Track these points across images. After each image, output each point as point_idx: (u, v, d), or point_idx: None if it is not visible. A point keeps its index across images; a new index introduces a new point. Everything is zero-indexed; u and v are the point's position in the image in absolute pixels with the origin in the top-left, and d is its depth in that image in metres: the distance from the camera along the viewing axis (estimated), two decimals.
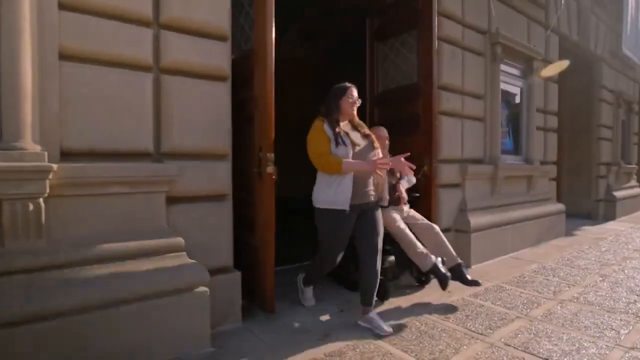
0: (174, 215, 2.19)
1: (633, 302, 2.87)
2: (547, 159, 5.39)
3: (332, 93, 2.41)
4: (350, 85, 2.42)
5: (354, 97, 2.41)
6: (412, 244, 2.79)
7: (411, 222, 2.99)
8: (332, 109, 2.37)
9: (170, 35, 2.18)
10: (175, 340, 2.02)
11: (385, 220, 2.71)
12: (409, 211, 3.07)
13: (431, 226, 3.03)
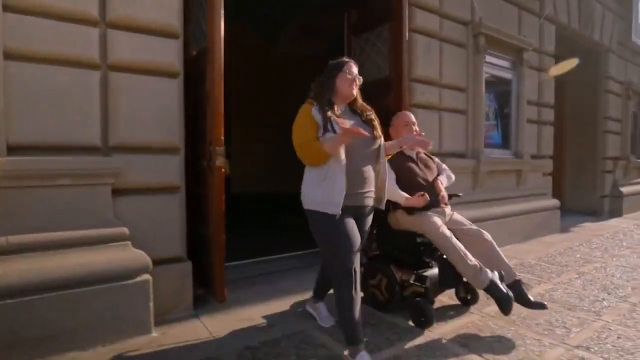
0: (121, 206, 2.29)
1: (600, 300, 2.79)
2: (541, 153, 5.23)
3: (326, 70, 2.01)
4: (349, 59, 2.02)
5: (354, 74, 1.97)
6: (461, 255, 2.23)
7: (455, 228, 2.46)
8: (324, 88, 1.95)
9: (117, 34, 2.27)
10: (119, 325, 2.12)
11: (425, 226, 2.34)
12: (451, 214, 2.56)
13: (480, 232, 2.48)
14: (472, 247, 2.37)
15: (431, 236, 2.34)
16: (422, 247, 2.44)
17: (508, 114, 4.83)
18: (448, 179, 2.67)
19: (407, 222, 2.45)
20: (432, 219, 2.36)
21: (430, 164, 2.68)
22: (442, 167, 2.74)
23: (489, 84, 4.64)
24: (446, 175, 2.68)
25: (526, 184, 4.89)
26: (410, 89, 3.70)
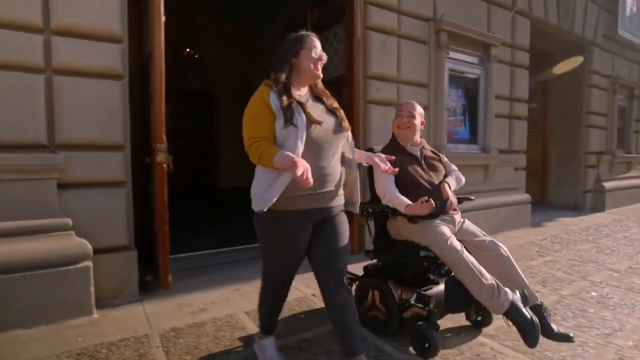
0: (67, 199, 2.49)
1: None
2: (513, 148, 5.27)
3: (285, 44, 1.67)
4: (311, 33, 1.69)
5: (318, 51, 1.64)
6: (474, 272, 1.87)
7: (465, 239, 2.09)
8: (283, 67, 1.62)
9: (60, 40, 2.45)
10: (62, 307, 2.34)
11: (430, 238, 2.01)
12: (461, 221, 2.23)
13: (496, 245, 2.08)
14: (486, 262, 1.98)
15: (437, 249, 1.98)
16: (426, 261, 2.06)
17: (476, 110, 4.88)
18: (457, 182, 2.30)
19: (409, 232, 2.12)
20: (439, 229, 2.01)
21: (436, 163, 2.31)
22: (450, 168, 2.37)
23: (457, 80, 4.71)
24: (455, 177, 2.31)
25: (494, 179, 4.95)
26: (366, 86, 3.82)
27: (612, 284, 3.05)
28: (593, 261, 3.68)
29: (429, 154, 2.34)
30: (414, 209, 1.97)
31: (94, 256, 2.52)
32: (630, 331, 2.27)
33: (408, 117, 2.27)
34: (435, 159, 2.35)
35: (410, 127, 2.26)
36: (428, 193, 2.06)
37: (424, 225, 2.05)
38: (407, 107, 2.31)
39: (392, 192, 2.10)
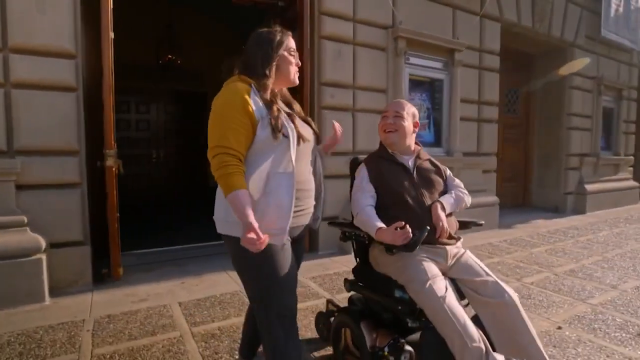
0: (24, 198, 2.80)
1: None
2: (482, 151, 5.36)
3: (261, 39, 1.45)
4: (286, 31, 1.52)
5: (296, 54, 1.53)
6: (455, 329, 1.45)
7: (462, 277, 1.64)
8: (262, 59, 1.41)
9: (17, 58, 2.76)
10: (16, 294, 2.65)
11: (406, 276, 1.61)
12: (459, 254, 1.74)
13: (499, 289, 1.57)
14: (485, 311, 1.56)
15: (412, 292, 1.57)
16: (400, 304, 1.63)
17: (440, 113, 5.00)
18: (457, 202, 1.82)
19: (386, 265, 1.72)
20: (419, 266, 1.59)
21: (433, 177, 1.82)
22: (453, 184, 1.90)
23: (421, 84, 4.85)
24: (455, 196, 1.82)
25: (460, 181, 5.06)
26: (320, 92, 4.02)
27: (542, 286, 3.17)
28: (538, 263, 3.78)
29: (425, 165, 1.85)
30: (384, 236, 1.53)
31: (50, 250, 2.84)
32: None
33: (394, 118, 1.80)
34: (432, 171, 1.84)
35: (398, 131, 1.79)
36: (414, 216, 1.64)
37: (402, 259, 1.61)
38: (393, 106, 1.85)
39: (364, 210, 1.66)
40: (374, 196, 1.74)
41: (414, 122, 1.88)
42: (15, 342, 2.19)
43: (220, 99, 1.34)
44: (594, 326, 2.46)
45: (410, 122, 1.86)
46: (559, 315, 2.62)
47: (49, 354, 2.08)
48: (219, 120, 1.31)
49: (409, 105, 1.90)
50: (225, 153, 1.26)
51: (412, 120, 1.87)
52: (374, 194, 1.75)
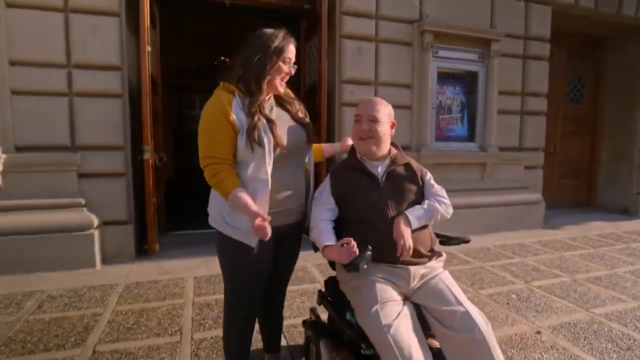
0: (82, 184, 3.50)
1: None
2: (525, 145, 5.04)
3: (259, 44, 1.47)
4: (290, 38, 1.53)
5: (292, 59, 1.53)
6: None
7: (428, 305, 1.45)
8: (255, 73, 1.46)
9: (78, 72, 3.43)
10: (75, 259, 3.36)
11: (355, 299, 1.50)
12: (428, 276, 1.52)
13: (470, 323, 1.34)
14: (450, 346, 1.37)
15: (357, 317, 1.44)
16: (349, 329, 1.51)
17: (474, 107, 4.80)
18: (429, 213, 1.57)
19: (343, 283, 1.62)
20: (370, 289, 1.43)
21: (406, 186, 1.61)
22: (430, 191, 1.66)
23: (453, 77, 4.73)
24: (427, 205, 1.58)
25: (495, 177, 4.84)
26: (341, 90, 4.19)
27: (548, 290, 3.02)
28: (562, 267, 3.55)
29: (398, 172, 1.62)
30: (330, 253, 1.44)
31: (102, 227, 3.52)
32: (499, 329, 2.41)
33: (369, 123, 1.58)
34: (406, 178, 1.62)
35: (373, 137, 1.57)
36: (375, 231, 1.49)
37: (357, 279, 1.48)
38: (366, 109, 1.61)
39: (317, 225, 1.54)
40: (333, 209, 1.60)
41: (390, 123, 1.64)
42: (64, 295, 2.84)
43: (206, 110, 1.46)
44: (579, 335, 2.35)
45: (387, 124, 1.62)
46: (547, 320, 2.53)
47: (84, 306, 2.67)
48: (206, 130, 1.43)
49: (384, 104, 1.64)
50: (214, 163, 1.41)
51: (389, 121, 1.63)
52: (333, 207, 1.60)
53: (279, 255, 1.65)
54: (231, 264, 1.59)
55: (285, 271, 1.80)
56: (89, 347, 2.16)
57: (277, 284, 1.81)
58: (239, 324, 1.68)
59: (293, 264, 1.81)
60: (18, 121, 3.33)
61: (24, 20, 3.27)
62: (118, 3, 3.48)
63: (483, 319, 1.38)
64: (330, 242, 1.46)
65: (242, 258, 1.52)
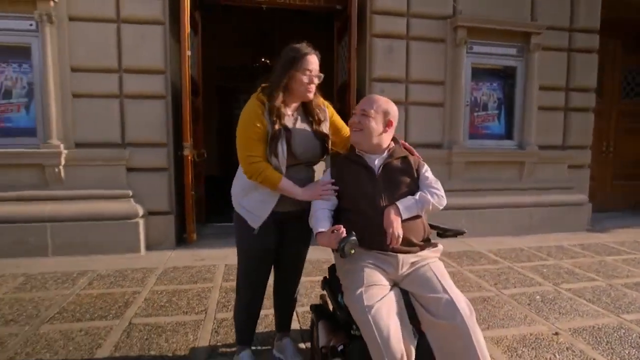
0: (130, 177, 3.87)
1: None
2: (570, 143, 4.77)
3: (280, 60, 1.68)
4: (308, 50, 1.66)
5: (312, 70, 1.65)
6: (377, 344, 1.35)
7: (415, 292, 1.52)
8: (276, 84, 1.64)
9: (127, 76, 3.81)
10: (124, 244, 3.74)
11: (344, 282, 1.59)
12: (418, 262, 1.59)
13: (453, 309, 1.40)
14: (434, 332, 1.43)
15: (345, 300, 1.53)
16: (339, 311, 1.61)
17: (513, 103, 4.63)
18: (420, 203, 1.62)
19: (338, 267, 1.73)
20: (358, 273, 1.51)
21: (402, 178, 1.67)
22: (425, 183, 1.70)
23: (489, 73, 4.61)
24: (419, 196, 1.63)
25: (535, 177, 4.64)
26: (371, 88, 4.24)
27: (578, 293, 2.89)
28: (599, 272, 3.36)
29: (395, 164, 1.69)
30: (322, 239, 1.56)
31: (147, 216, 3.88)
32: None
33: (361, 117, 1.67)
34: (401, 170, 1.69)
35: (362, 130, 1.66)
36: (367, 220, 1.58)
37: (348, 263, 1.57)
38: (361, 104, 1.72)
39: (315, 213, 1.66)
40: (332, 199, 1.69)
41: (386, 121, 1.69)
42: (111, 275, 3.19)
43: (243, 113, 1.70)
44: (601, 339, 2.25)
45: (380, 120, 1.67)
46: (569, 323, 2.44)
47: (126, 285, 3.00)
48: (243, 132, 1.67)
49: (381, 102, 1.70)
50: (255, 162, 1.64)
51: (384, 118, 1.68)
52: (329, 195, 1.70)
53: (285, 238, 1.84)
54: (239, 240, 1.85)
55: (294, 253, 1.94)
56: (126, 319, 2.44)
57: (287, 266, 1.97)
58: (244, 296, 1.91)
59: (303, 247, 1.93)
60: (77, 121, 3.76)
61: (83, 31, 3.69)
62: (162, 13, 3.81)
63: (468, 307, 1.42)
64: (323, 229, 1.58)
65: (247, 237, 1.77)
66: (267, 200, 1.73)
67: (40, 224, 3.58)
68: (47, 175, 3.66)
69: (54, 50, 3.63)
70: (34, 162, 3.63)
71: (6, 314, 2.48)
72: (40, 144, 3.64)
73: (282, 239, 1.84)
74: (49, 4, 3.53)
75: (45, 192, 3.67)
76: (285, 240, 1.85)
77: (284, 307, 2.08)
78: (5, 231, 3.51)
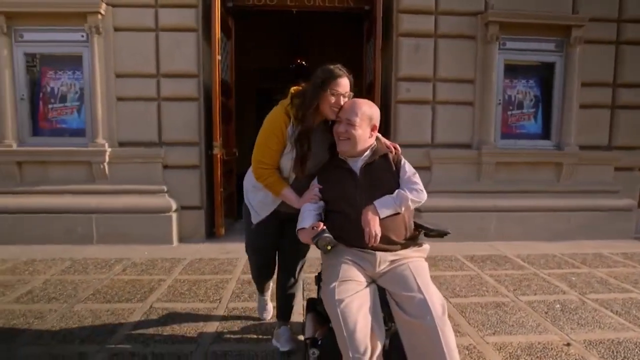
0: (166, 174, 4.18)
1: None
2: (617, 144, 4.42)
3: (313, 80, 1.74)
4: (339, 73, 1.73)
5: (339, 93, 1.70)
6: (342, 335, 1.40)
7: (391, 290, 1.55)
8: (308, 102, 1.72)
9: (164, 80, 4.12)
10: (159, 236, 4.06)
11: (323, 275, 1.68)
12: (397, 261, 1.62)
13: (424, 309, 1.41)
14: (405, 330, 1.45)
15: (322, 293, 1.60)
16: (320, 304, 1.66)
17: (551, 101, 4.37)
18: (397, 201, 1.64)
19: (322, 265, 1.80)
20: (335, 269, 1.57)
21: (382, 175, 1.73)
22: (404, 179, 1.74)
23: (524, 70, 4.40)
24: (397, 194, 1.66)
25: (574, 179, 4.34)
26: (397, 88, 4.23)
27: (605, 305, 2.70)
28: (623, 283, 3.10)
29: (375, 165, 1.74)
30: (302, 236, 1.68)
31: (180, 210, 4.17)
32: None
33: (346, 126, 1.69)
34: (383, 169, 1.74)
35: (349, 139, 1.70)
36: (348, 221, 1.63)
37: (328, 259, 1.66)
38: (345, 112, 1.71)
39: (303, 213, 1.74)
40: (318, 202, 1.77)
41: (371, 126, 1.74)
42: (143, 264, 3.49)
43: (267, 120, 1.84)
44: (619, 353, 2.11)
45: (366, 127, 1.72)
46: (587, 334, 2.30)
47: (154, 273, 3.26)
48: (264, 137, 1.83)
49: (365, 107, 1.72)
50: (264, 168, 1.84)
51: (369, 124, 1.73)
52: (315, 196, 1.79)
53: (284, 237, 2.04)
54: (245, 230, 2.15)
55: (294, 250, 2.05)
56: (148, 303, 2.68)
57: (287, 262, 2.16)
58: (252, 265, 2.29)
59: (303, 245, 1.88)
60: (120, 122, 4.13)
61: (126, 40, 4.05)
62: (196, 20, 4.07)
63: (441, 307, 1.43)
64: (304, 226, 1.68)
65: (248, 229, 2.09)
66: (268, 203, 1.94)
67: (87, 215, 3.99)
68: (94, 171, 4.07)
69: (101, 58, 4.02)
70: (82, 160, 4.05)
71: (50, 292, 2.82)
72: (88, 143, 4.05)
73: (283, 237, 2.04)
74: (97, 16, 3.92)
75: (92, 186, 4.08)
76: (286, 238, 2.01)
77: (283, 299, 2.20)
78: (58, 221, 3.96)
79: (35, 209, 3.97)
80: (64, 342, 2.17)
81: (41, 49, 4.12)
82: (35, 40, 4.07)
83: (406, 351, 1.44)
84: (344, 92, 1.72)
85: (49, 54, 4.13)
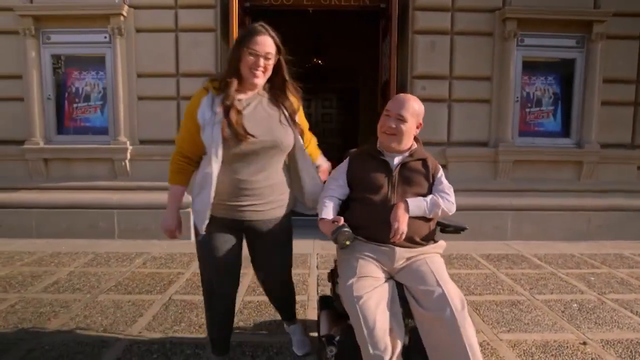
0: None
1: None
2: (638, 142, 4.30)
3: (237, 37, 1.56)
4: (263, 30, 1.51)
5: (259, 52, 1.48)
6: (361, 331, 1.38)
7: (409, 285, 1.53)
8: (227, 65, 1.57)
9: (184, 79, 4.22)
10: None
11: (339, 270, 1.64)
12: (415, 257, 1.61)
13: (443, 302, 1.40)
14: (424, 324, 1.44)
15: (339, 290, 1.58)
16: (335, 300, 1.68)
17: (571, 98, 4.28)
18: (430, 205, 1.63)
19: (337, 260, 1.76)
20: (352, 264, 1.55)
21: (417, 178, 1.69)
22: (438, 187, 1.71)
23: (543, 67, 4.33)
24: (431, 199, 1.64)
25: (595, 178, 4.25)
26: (413, 85, 4.22)
27: (625, 305, 2.65)
28: (601, 282, 3.02)
29: (413, 165, 1.71)
30: (322, 227, 1.61)
31: None
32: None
33: (397, 121, 1.64)
34: (418, 172, 1.70)
35: (396, 135, 1.65)
36: (373, 212, 1.60)
37: (345, 254, 1.62)
38: (396, 107, 1.66)
39: (323, 200, 1.69)
40: (343, 187, 1.73)
41: (417, 123, 1.69)
42: (163, 257, 3.60)
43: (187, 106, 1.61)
44: (637, 353, 2.07)
45: (414, 123, 1.67)
46: (604, 334, 2.27)
47: (173, 266, 3.36)
48: (181, 126, 1.64)
49: (413, 103, 1.68)
50: (177, 152, 1.62)
51: (416, 121, 1.68)
52: (343, 184, 1.73)
53: (256, 249, 1.72)
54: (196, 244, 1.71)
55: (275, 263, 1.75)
56: (167, 295, 2.76)
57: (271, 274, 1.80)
58: (207, 307, 1.75)
59: (283, 257, 1.76)
60: (141, 120, 4.26)
61: (147, 41, 4.17)
62: (214, 21, 4.16)
63: (460, 301, 1.40)
64: (326, 217, 1.61)
65: (198, 240, 1.66)
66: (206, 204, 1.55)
67: (109, 211, 4.13)
68: (116, 168, 4.20)
69: (123, 58, 4.15)
70: (105, 157, 4.19)
71: (75, 283, 2.94)
72: (110, 141, 4.19)
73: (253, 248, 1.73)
74: (120, 18, 4.05)
75: (114, 182, 4.22)
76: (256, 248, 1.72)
77: (281, 304, 1.99)
78: (82, 216, 4.11)
79: (61, 205, 4.13)
80: (88, 330, 2.27)
81: (66, 50, 4.27)
82: (61, 42, 4.23)
83: (426, 347, 1.41)
84: (264, 52, 1.47)
85: (73, 55, 4.29)
